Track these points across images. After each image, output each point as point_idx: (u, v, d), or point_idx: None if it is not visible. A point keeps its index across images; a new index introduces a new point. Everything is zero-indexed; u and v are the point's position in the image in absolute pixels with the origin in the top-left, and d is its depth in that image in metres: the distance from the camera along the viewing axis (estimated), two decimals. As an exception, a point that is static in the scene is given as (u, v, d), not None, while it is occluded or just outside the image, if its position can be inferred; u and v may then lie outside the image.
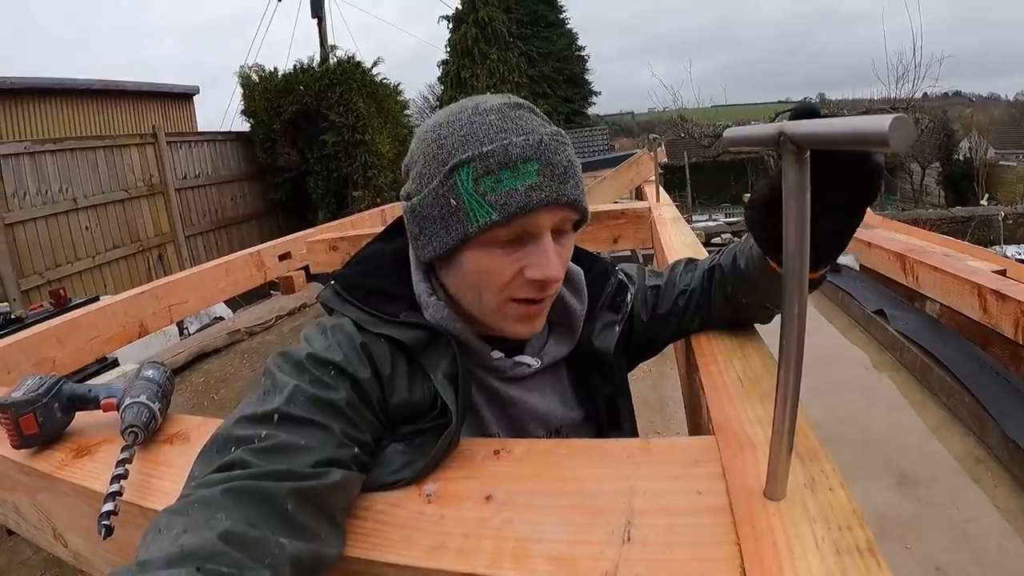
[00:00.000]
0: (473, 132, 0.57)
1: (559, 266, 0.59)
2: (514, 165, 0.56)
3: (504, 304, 0.61)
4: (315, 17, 10.26)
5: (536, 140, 0.57)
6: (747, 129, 0.41)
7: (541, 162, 0.56)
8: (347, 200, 8.09)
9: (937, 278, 1.85)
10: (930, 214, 10.13)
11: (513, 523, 0.49)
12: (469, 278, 0.61)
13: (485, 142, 0.56)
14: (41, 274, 5.41)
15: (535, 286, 0.59)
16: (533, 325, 0.64)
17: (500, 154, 0.56)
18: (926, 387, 1.71)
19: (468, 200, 0.56)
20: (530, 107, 0.61)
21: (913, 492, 1.37)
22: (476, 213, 0.56)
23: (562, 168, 0.58)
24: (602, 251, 2.50)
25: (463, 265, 0.61)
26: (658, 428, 2.47)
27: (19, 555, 2.04)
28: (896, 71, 11.05)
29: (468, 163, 0.56)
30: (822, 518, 0.44)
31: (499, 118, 0.58)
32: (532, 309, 0.62)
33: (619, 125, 25.17)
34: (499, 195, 0.55)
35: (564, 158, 0.58)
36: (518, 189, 0.55)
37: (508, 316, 0.62)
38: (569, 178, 0.58)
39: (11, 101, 6.88)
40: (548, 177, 0.56)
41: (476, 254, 0.59)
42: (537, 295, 0.60)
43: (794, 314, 0.40)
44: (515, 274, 0.59)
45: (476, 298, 0.62)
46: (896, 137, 0.24)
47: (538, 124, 0.59)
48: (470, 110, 0.60)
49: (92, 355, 1.79)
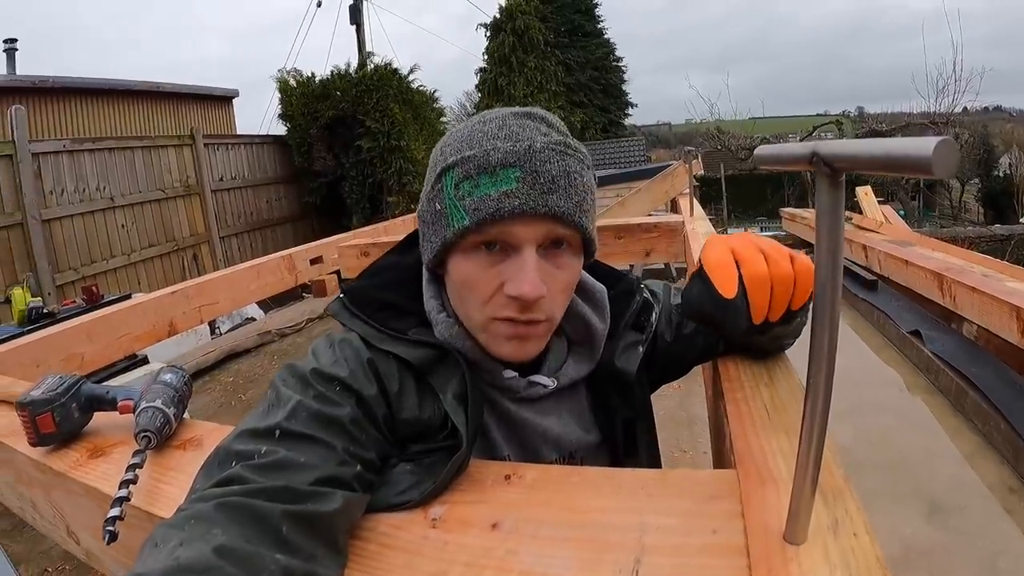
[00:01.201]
0: (467, 138, 0.57)
1: (537, 283, 0.54)
2: (493, 170, 0.54)
3: (489, 322, 0.58)
4: (353, 24, 10.49)
5: (524, 147, 0.54)
6: (779, 147, 0.38)
7: (524, 169, 0.54)
8: (381, 205, 8.15)
9: (975, 299, 1.78)
10: (969, 232, 9.81)
11: (518, 554, 0.47)
12: (456, 290, 0.60)
13: (473, 147, 0.55)
14: (76, 270, 5.54)
15: (516, 304, 0.56)
16: (525, 348, 0.60)
17: (480, 159, 0.54)
18: (960, 412, 1.65)
19: (449, 204, 0.56)
20: (542, 117, 0.59)
21: (943, 521, 1.32)
22: (453, 217, 0.55)
23: (549, 177, 0.54)
24: (635, 264, 2.48)
25: (452, 275, 0.60)
26: (684, 446, 2.43)
27: (40, 545, 2.09)
28: (936, 84, 10.75)
29: (453, 167, 0.56)
30: (843, 564, 0.41)
31: (497, 126, 0.56)
32: (520, 330, 0.58)
33: (656, 136, 24.96)
34: (473, 200, 0.54)
35: (556, 167, 0.55)
36: (491, 195, 0.53)
37: (495, 335, 0.59)
38: (557, 189, 0.55)
39: (53, 100, 7.16)
40: (528, 185, 0.54)
41: (459, 263, 0.58)
42: (519, 314, 0.56)
43: (823, 345, 0.37)
44: (496, 289, 0.56)
45: (465, 312, 0.60)
46: (940, 163, 0.22)
47: (538, 133, 0.56)
48: (477, 118, 0.59)
49: (121, 352, 1.83)
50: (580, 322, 0.68)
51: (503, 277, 0.56)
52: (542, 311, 0.57)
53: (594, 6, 17.37)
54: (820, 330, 0.37)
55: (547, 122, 0.59)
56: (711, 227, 2.31)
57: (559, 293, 0.59)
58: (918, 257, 2.31)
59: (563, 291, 0.60)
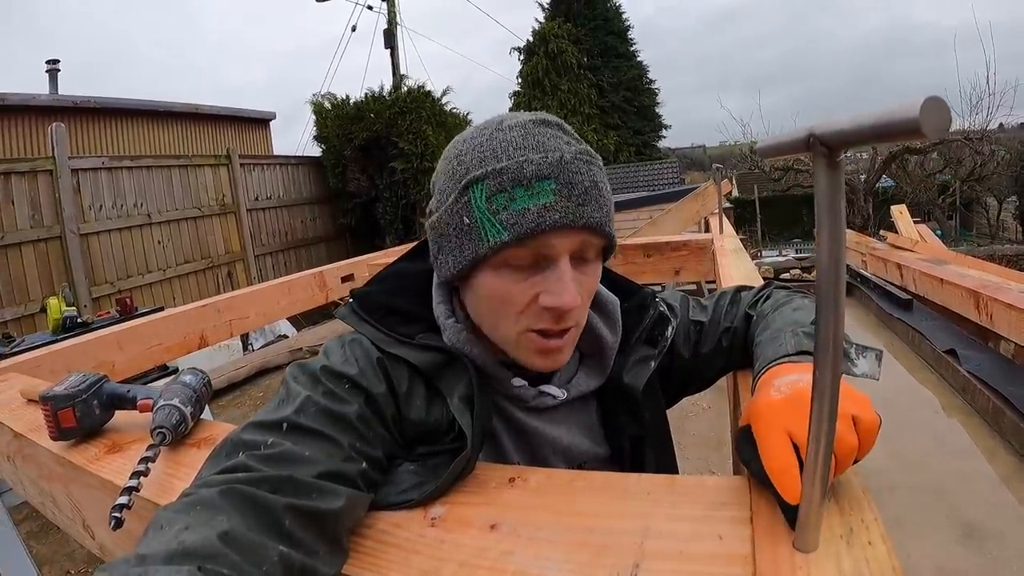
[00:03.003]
0: (491, 148, 0.55)
1: (575, 294, 0.54)
2: (528, 183, 0.53)
3: (521, 334, 0.57)
4: (388, 47, 10.77)
5: (555, 158, 0.54)
6: (777, 136, 0.37)
7: (559, 181, 0.53)
8: (414, 227, 8.24)
9: (1012, 316, 1.71)
10: (1006, 250, 9.46)
11: (513, 555, 0.46)
12: (484, 303, 0.59)
13: (502, 158, 0.54)
14: (112, 283, 5.71)
15: (551, 315, 0.55)
16: (556, 359, 0.59)
17: (514, 171, 0.53)
18: (998, 432, 1.59)
19: (480, 218, 0.54)
20: (559, 124, 0.59)
21: (979, 546, 1.26)
22: (488, 232, 0.54)
23: (582, 189, 0.54)
24: (664, 283, 2.45)
25: (478, 289, 0.58)
26: (713, 468, 2.40)
27: (65, 547, 2.14)
28: (970, 100, 10.45)
29: (482, 180, 0.54)
30: (856, 574, 0.39)
31: (521, 135, 0.56)
32: (552, 343, 0.57)
33: (690, 159, 24.74)
34: (511, 214, 0.53)
35: (586, 178, 0.55)
36: (530, 208, 0.53)
37: (527, 348, 0.58)
38: (590, 200, 0.55)
39: (95, 119, 7.49)
40: (565, 198, 0.53)
41: (490, 276, 0.57)
42: (554, 325, 0.56)
43: (828, 340, 0.36)
44: (530, 301, 0.56)
45: (494, 325, 0.59)
46: (929, 123, 0.21)
47: (562, 142, 0.56)
48: (494, 126, 0.58)
49: (151, 362, 1.86)
50: (591, 334, 0.67)
51: (537, 289, 0.55)
52: (573, 319, 0.57)
53: (627, 28, 17.52)
54: (825, 326, 0.36)
55: (563, 129, 0.59)
56: (739, 243, 2.28)
57: (587, 299, 0.59)
58: (953, 275, 2.23)
59: (589, 297, 0.60)
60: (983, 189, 13.68)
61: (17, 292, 4.87)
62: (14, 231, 4.89)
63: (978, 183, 12.80)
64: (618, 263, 2.29)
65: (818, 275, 0.35)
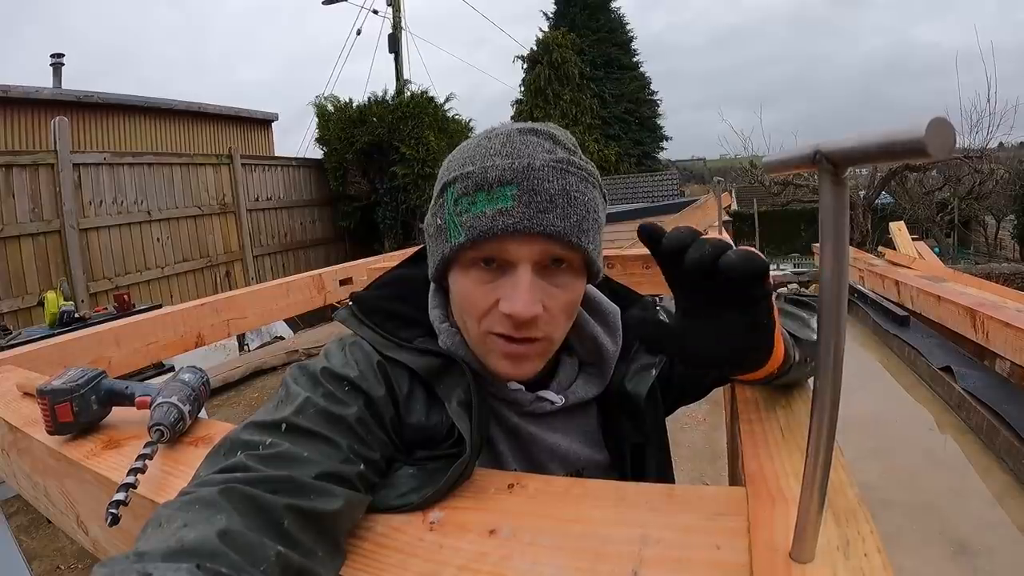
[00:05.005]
0: (469, 154, 0.57)
1: (531, 303, 0.54)
2: (490, 188, 0.54)
3: (486, 335, 0.58)
4: (392, 52, 10.82)
5: (522, 165, 0.54)
6: (784, 152, 0.38)
7: (521, 188, 0.53)
8: (414, 232, 8.24)
9: (1009, 334, 1.72)
10: (1004, 268, 9.47)
11: (512, 560, 0.46)
12: (456, 304, 0.61)
13: (474, 163, 0.56)
14: (110, 279, 5.69)
15: (510, 321, 0.55)
16: (522, 367, 0.59)
17: (478, 175, 0.55)
18: (992, 450, 1.60)
19: (448, 220, 0.56)
20: (549, 133, 0.58)
21: (970, 563, 1.26)
22: (451, 233, 0.56)
23: (547, 196, 0.54)
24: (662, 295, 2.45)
25: (452, 290, 0.60)
26: (708, 480, 2.40)
27: (55, 542, 2.13)
28: (971, 118, 10.49)
29: (453, 183, 0.56)
30: (853, 586, 0.39)
31: (501, 143, 0.56)
32: (516, 348, 0.57)
33: (691, 171, 24.78)
34: (470, 216, 0.54)
35: (554, 186, 0.54)
36: (487, 212, 0.54)
37: (492, 350, 0.58)
38: (555, 208, 0.54)
39: (97, 115, 7.49)
40: (524, 204, 0.53)
41: (460, 278, 0.58)
42: (513, 332, 0.56)
43: (830, 351, 0.36)
44: (491, 305, 0.56)
45: (464, 326, 0.60)
46: (934, 143, 0.21)
47: (541, 150, 0.56)
48: (484, 134, 0.59)
49: (148, 359, 1.86)
50: (592, 343, 0.67)
51: (498, 294, 0.56)
52: (539, 330, 0.57)
53: (630, 40, 17.62)
54: (826, 337, 0.36)
55: (553, 138, 0.58)
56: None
57: (559, 313, 0.58)
58: (951, 293, 2.24)
59: (563, 311, 0.58)
60: (981, 207, 13.74)
61: (15, 285, 4.86)
62: (14, 224, 4.89)
63: (977, 201, 12.86)
64: (616, 275, 2.29)
65: (821, 290, 0.36)
